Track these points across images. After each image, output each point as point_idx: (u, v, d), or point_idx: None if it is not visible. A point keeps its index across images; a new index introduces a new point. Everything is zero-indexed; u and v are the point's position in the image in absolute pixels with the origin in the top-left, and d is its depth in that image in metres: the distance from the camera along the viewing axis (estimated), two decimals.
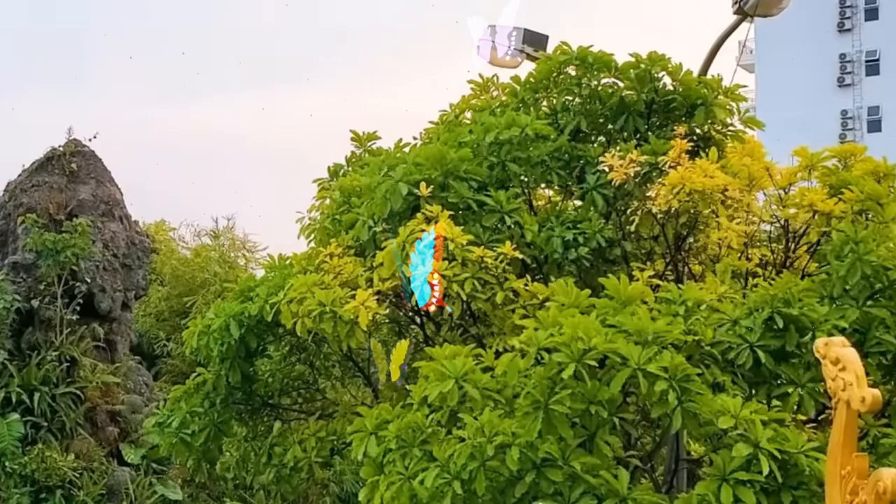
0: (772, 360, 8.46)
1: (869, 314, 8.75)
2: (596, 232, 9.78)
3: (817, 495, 7.70)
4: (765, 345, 8.46)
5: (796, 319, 8.48)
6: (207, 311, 11.47)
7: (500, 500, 8.06)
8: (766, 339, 8.47)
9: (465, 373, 8.34)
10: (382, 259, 9.74)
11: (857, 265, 8.80)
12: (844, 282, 8.83)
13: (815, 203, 9.50)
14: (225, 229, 25.78)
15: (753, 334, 8.45)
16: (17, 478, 15.67)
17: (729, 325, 8.57)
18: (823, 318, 8.51)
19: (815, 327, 8.42)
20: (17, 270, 17.25)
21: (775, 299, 8.51)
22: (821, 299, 8.81)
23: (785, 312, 8.46)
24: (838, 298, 8.85)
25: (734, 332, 8.52)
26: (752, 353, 8.43)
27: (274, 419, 12.03)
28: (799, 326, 8.50)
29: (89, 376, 17.18)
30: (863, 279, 8.78)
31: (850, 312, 8.68)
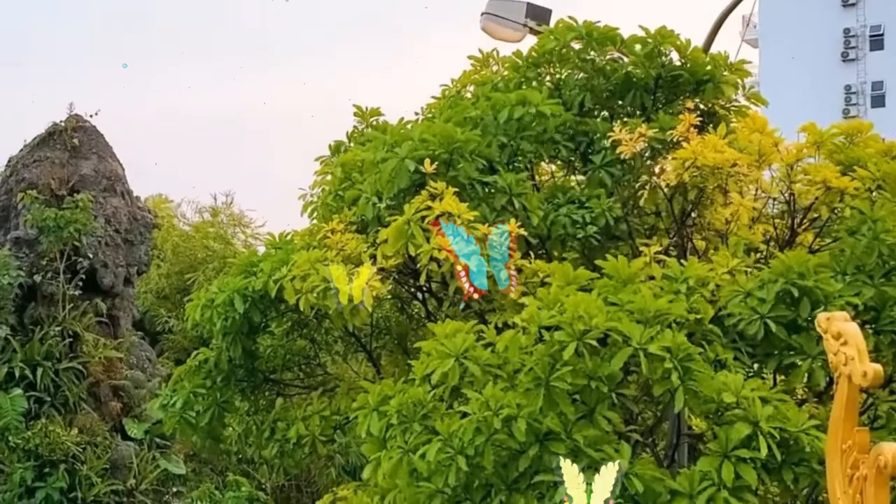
0: (784, 330, 8.49)
1: (883, 292, 8.77)
2: (604, 210, 9.78)
3: (818, 472, 7.73)
4: (777, 316, 8.48)
5: (811, 292, 8.49)
6: (210, 286, 11.48)
7: (503, 474, 8.09)
8: (777, 310, 8.49)
9: (466, 350, 8.35)
10: (387, 236, 9.74)
11: (874, 244, 8.82)
12: (859, 259, 8.85)
13: (828, 179, 9.49)
14: (224, 205, 25.82)
15: (765, 305, 8.47)
16: (20, 452, 15.74)
17: (741, 297, 8.59)
18: (838, 293, 8.53)
19: (829, 301, 8.44)
20: (20, 246, 17.26)
21: (790, 271, 8.52)
22: (834, 275, 8.83)
23: (800, 284, 8.47)
24: (852, 275, 8.86)
25: (745, 305, 8.53)
26: (762, 325, 8.45)
27: (276, 395, 12.07)
28: (812, 299, 8.51)
29: (92, 351, 17.21)
30: (878, 258, 8.79)
31: (866, 290, 8.70)
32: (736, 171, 9.33)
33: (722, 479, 7.71)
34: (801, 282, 8.48)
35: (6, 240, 17.52)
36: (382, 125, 11.76)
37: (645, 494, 7.73)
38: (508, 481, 8.08)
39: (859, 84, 53.90)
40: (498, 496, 8.04)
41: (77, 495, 15.64)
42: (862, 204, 9.24)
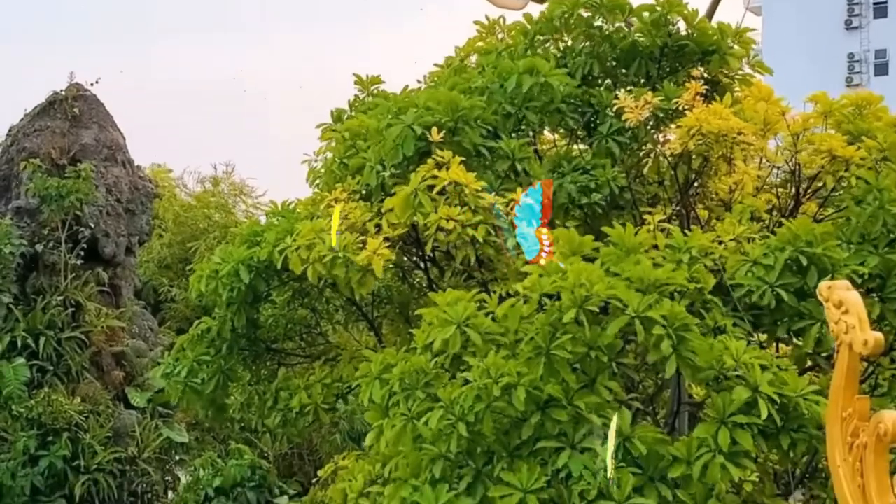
0: (794, 298, 8.53)
1: (889, 260, 8.81)
2: (609, 179, 9.78)
3: (816, 438, 7.78)
4: (785, 284, 8.52)
5: (818, 260, 8.52)
6: (212, 256, 11.48)
7: (505, 441, 8.14)
8: (785, 277, 8.52)
9: (468, 318, 8.37)
10: (393, 205, 9.72)
11: (880, 213, 8.87)
12: (864, 228, 8.88)
13: (834, 149, 9.51)
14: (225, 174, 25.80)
15: (773, 274, 8.50)
16: (23, 421, 15.79)
17: (748, 266, 8.61)
18: (844, 262, 8.56)
19: (836, 270, 8.48)
20: (21, 215, 17.23)
21: (797, 239, 8.55)
22: (839, 244, 8.86)
23: (808, 252, 8.50)
24: (857, 244, 8.90)
25: (753, 275, 8.56)
26: (773, 293, 8.49)
27: (277, 364, 12.11)
28: (820, 268, 8.55)
29: (94, 321, 17.23)
30: (883, 226, 8.83)
31: (871, 258, 8.74)
32: (741, 140, 9.33)
33: (718, 444, 7.75)
34: (809, 250, 8.51)
35: (7, 209, 17.49)
36: (385, 93, 11.73)
37: (647, 457, 7.78)
38: (510, 448, 8.13)
39: (862, 52, 53.63)
40: (500, 462, 8.09)
41: (80, 463, 15.71)
42: (867, 174, 9.26)
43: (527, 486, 7.80)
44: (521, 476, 7.86)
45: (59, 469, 15.66)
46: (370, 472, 9.67)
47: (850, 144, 9.62)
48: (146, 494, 16.43)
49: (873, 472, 5.66)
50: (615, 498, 7.55)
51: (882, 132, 9.73)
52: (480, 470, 8.20)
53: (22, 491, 15.48)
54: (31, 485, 15.49)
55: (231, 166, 26.03)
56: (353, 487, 9.77)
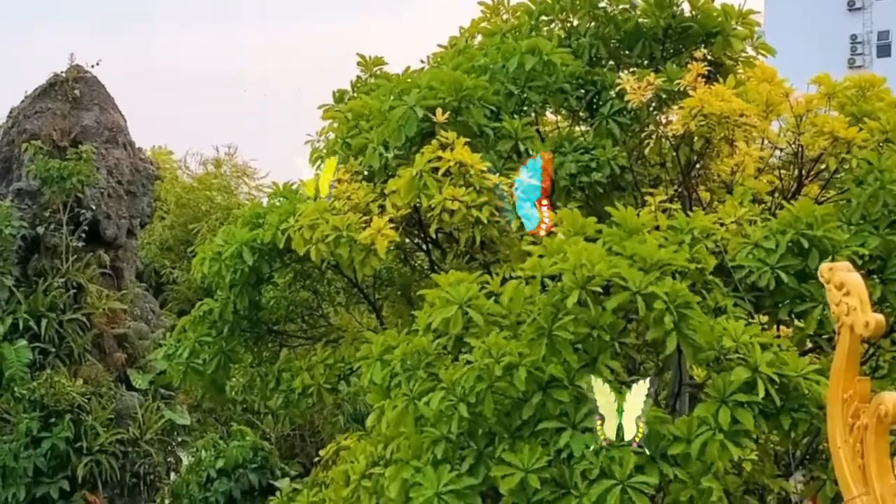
0: (794, 280, 8.54)
1: (889, 241, 8.82)
2: (609, 159, 9.78)
3: (817, 417, 7.80)
4: (786, 266, 8.53)
5: (819, 242, 8.53)
6: (214, 238, 11.48)
7: (506, 422, 8.16)
8: (786, 259, 8.54)
9: (470, 298, 8.38)
10: (397, 186, 9.72)
11: (880, 194, 8.88)
12: (865, 209, 8.89)
13: (836, 130, 9.52)
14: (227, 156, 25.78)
15: (773, 256, 8.52)
16: (26, 403, 15.82)
17: (749, 249, 8.62)
18: (845, 243, 8.57)
19: (836, 251, 8.49)
20: (22, 197, 17.22)
21: (798, 222, 8.56)
22: (840, 225, 8.87)
23: (809, 234, 8.51)
24: (858, 225, 8.91)
25: (754, 257, 8.58)
26: (773, 275, 8.50)
27: (279, 346, 12.13)
28: (821, 249, 8.56)
29: (96, 303, 17.25)
30: (884, 207, 8.84)
31: (871, 239, 8.76)
32: (743, 122, 9.32)
33: (719, 423, 7.77)
34: (810, 232, 8.52)
35: (8, 191, 17.48)
36: (388, 74, 11.70)
37: (649, 437, 7.79)
38: (511, 429, 8.15)
39: (865, 34, 53.42)
40: (501, 443, 8.11)
41: (82, 445, 15.75)
42: (869, 155, 9.27)
43: (528, 465, 7.82)
44: (522, 456, 7.88)
45: (62, 450, 15.71)
46: (372, 454, 9.70)
47: (853, 126, 9.62)
48: (148, 476, 16.49)
49: (874, 453, 5.69)
50: (617, 476, 7.58)
51: (884, 113, 9.73)
52: (482, 451, 8.22)
53: (24, 472, 15.54)
54: (33, 466, 15.54)
55: (234, 148, 26.02)
56: (355, 469, 9.81)
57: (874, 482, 5.62)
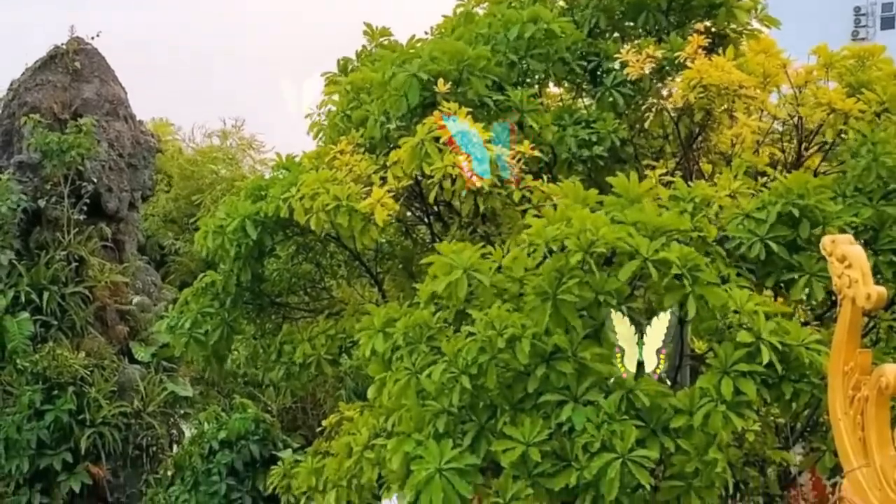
0: (784, 250, 8.54)
1: (882, 213, 8.81)
2: (610, 132, 9.75)
3: (818, 387, 7.82)
4: (776, 236, 8.52)
5: (809, 212, 8.52)
6: (217, 211, 11.48)
7: (508, 394, 8.17)
8: (777, 230, 8.54)
9: (473, 264, 8.36)
10: (400, 156, 9.70)
11: (873, 165, 8.86)
12: (859, 181, 8.87)
13: (833, 102, 9.49)
14: (234, 128, 25.67)
15: (764, 226, 8.51)
16: (28, 375, 15.84)
17: (740, 220, 8.62)
18: (836, 214, 8.56)
19: (828, 222, 8.48)
20: (23, 170, 17.17)
21: (790, 192, 8.55)
22: (834, 197, 8.86)
23: (800, 204, 8.50)
24: (851, 196, 8.90)
25: (744, 227, 8.57)
26: (763, 246, 8.50)
27: (281, 318, 12.16)
28: (812, 220, 8.55)
29: (98, 276, 17.23)
30: (877, 179, 8.81)
31: (864, 210, 8.75)
32: (743, 93, 9.29)
33: (721, 394, 7.78)
34: (802, 202, 8.51)
35: (9, 164, 17.43)
36: (391, 45, 11.65)
37: (650, 410, 7.81)
38: (513, 401, 8.16)
39: (869, 5, 53.08)
40: (503, 416, 8.12)
41: (85, 417, 15.78)
42: (863, 126, 9.24)
43: (529, 438, 7.84)
44: (523, 429, 7.90)
45: (65, 423, 15.75)
46: (374, 426, 9.73)
47: (851, 97, 9.58)
48: (151, 447, 16.54)
49: (874, 424, 5.69)
50: (618, 450, 7.59)
51: (881, 83, 9.67)
52: (483, 425, 8.24)
53: (28, 444, 15.59)
54: (36, 438, 15.59)
55: (241, 121, 25.90)
56: (357, 440, 9.85)
57: (874, 454, 5.63)
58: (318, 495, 10.43)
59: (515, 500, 7.89)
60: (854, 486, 5.72)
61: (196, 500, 14.70)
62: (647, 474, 7.58)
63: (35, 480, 15.79)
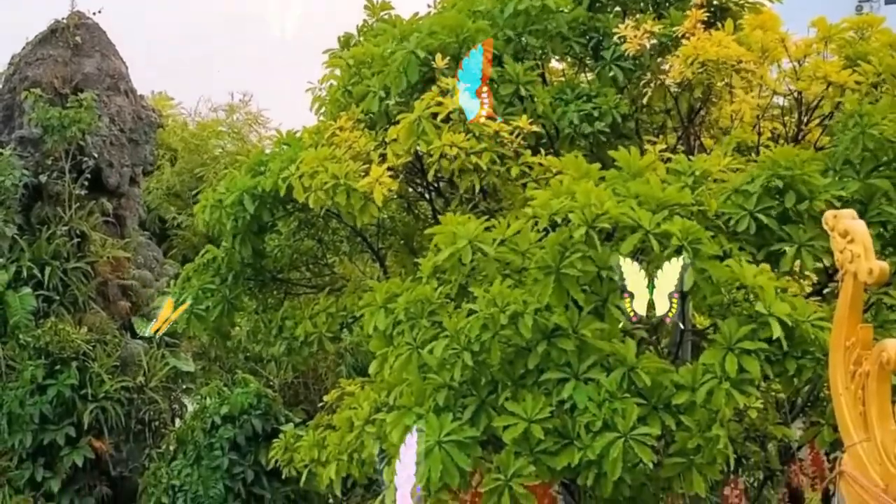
0: (774, 221, 8.52)
1: (871, 185, 8.78)
2: (612, 107, 9.71)
3: (822, 362, 7.81)
4: (766, 207, 8.51)
5: (794, 184, 8.50)
6: (217, 186, 11.47)
7: (509, 371, 8.17)
8: (764, 202, 8.52)
9: (478, 236, 8.34)
10: (397, 133, 9.67)
11: (860, 138, 8.82)
12: (847, 153, 8.84)
13: (828, 75, 9.44)
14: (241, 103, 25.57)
15: (751, 199, 8.50)
16: (31, 350, 15.86)
17: (729, 194, 8.61)
18: (824, 187, 8.54)
19: (815, 196, 8.47)
20: (25, 145, 17.13)
21: (776, 165, 8.54)
22: (825, 171, 8.83)
23: (785, 176, 8.48)
24: (841, 169, 8.87)
25: (733, 202, 8.56)
26: (752, 220, 8.48)
27: (283, 294, 12.16)
28: (798, 193, 8.54)
29: (100, 251, 17.23)
30: (867, 152, 8.77)
31: (851, 183, 8.72)
32: (742, 68, 9.25)
33: (725, 371, 7.77)
34: (787, 172, 8.49)
35: (11, 139, 17.39)
36: (393, 20, 11.59)
37: (651, 388, 7.81)
38: (515, 378, 8.16)
39: None
40: (504, 392, 8.13)
41: (88, 392, 15.80)
42: (851, 99, 9.20)
43: (531, 415, 7.85)
44: (525, 405, 7.90)
45: (67, 397, 15.78)
46: (376, 400, 9.76)
47: (849, 69, 9.53)
48: (153, 422, 16.59)
49: (875, 399, 5.69)
50: (620, 428, 7.60)
51: (877, 55, 9.61)
52: (484, 399, 8.25)
53: (30, 419, 15.63)
54: (39, 412, 15.62)
55: (249, 95, 25.80)
56: (359, 415, 9.88)
57: (875, 428, 5.63)
58: (319, 468, 10.47)
59: (517, 476, 7.91)
60: (854, 460, 5.72)
61: (198, 473, 14.77)
62: (649, 452, 7.59)
63: (38, 455, 15.84)
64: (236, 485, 14.72)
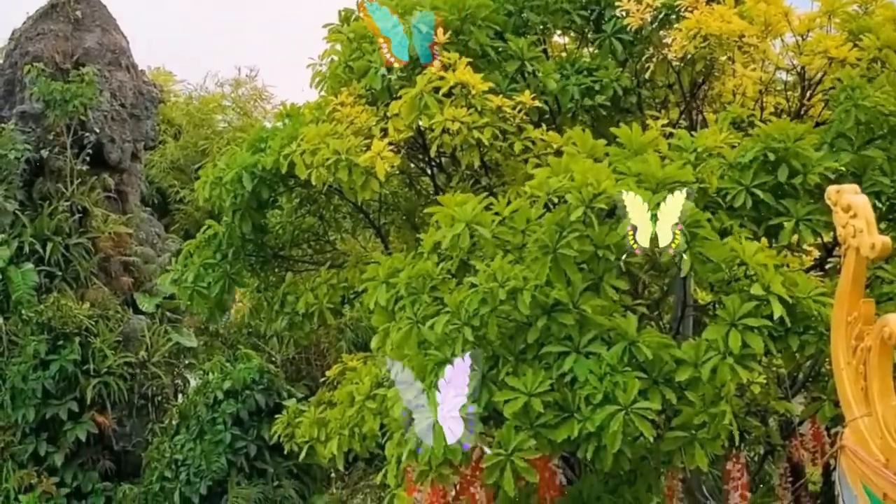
0: (770, 196, 8.50)
1: (865, 157, 8.76)
2: (612, 80, 9.66)
3: (824, 338, 7.81)
4: (761, 182, 8.49)
5: (787, 158, 8.48)
6: (218, 162, 11.45)
7: (510, 345, 8.17)
8: (760, 177, 8.50)
9: (476, 217, 8.33)
10: (399, 107, 9.64)
11: (852, 110, 8.78)
12: (839, 126, 8.82)
13: (829, 49, 9.39)
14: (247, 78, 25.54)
15: (746, 174, 8.47)
16: (33, 325, 15.89)
17: (725, 170, 8.59)
18: (818, 161, 8.52)
19: (808, 169, 8.45)
20: (26, 120, 17.11)
21: (769, 138, 8.51)
22: (820, 144, 8.80)
23: (777, 149, 8.45)
24: (834, 142, 8.85)
25: (730, 178, 8.54)
26: (748, 194, 8.47)
27: (285, 270, 12.16)
28: (791, 166, 8.52)
29: (101, 226, 17.24)
30: (860, 124, 8.74)
31: (844, 155, 8.69)
32: (744, 42, 9.19)
33: (729, 346, 7.77)
34: (780, 146, 8.47)
35: (12, 114, 17.37)
36: None
37: (652, 362, 7.80)
38: (515, 352, 8.16)
39: None
40: (505, 367, 8.13)
41: (90, 367, 15.86)
42: (844, 73, 9.16)
43: (531, 389, 7.84)
44: (525, 379, 7.89)
45: (70, 372, 15.84)
46: (377, 375, 9.78)
47: (850, 44, 9.48)
48: (156, 397, 16.65)
49: (876, 374, 5.69)
50: (620, 402, 7.60)
51: (879, 28, 9.56)
52: (485, 374, 8.25)
53: (33, 394, 15.69)
54: (41, 387, 15.68)
55: (255, 70, 25.76)
56: (360, 390, 9.89)
57: (876, 403, 5.63)
58: (319, 446, 10.50)
59: (518, 450, 7.92)
60: (855, 434, 5.73)
61: (201, 448, 14.84)
62: (649, 426, 7.59)
63: (41, 430, 15.92)
64: (239, 459, 14.80)
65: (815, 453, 9.99)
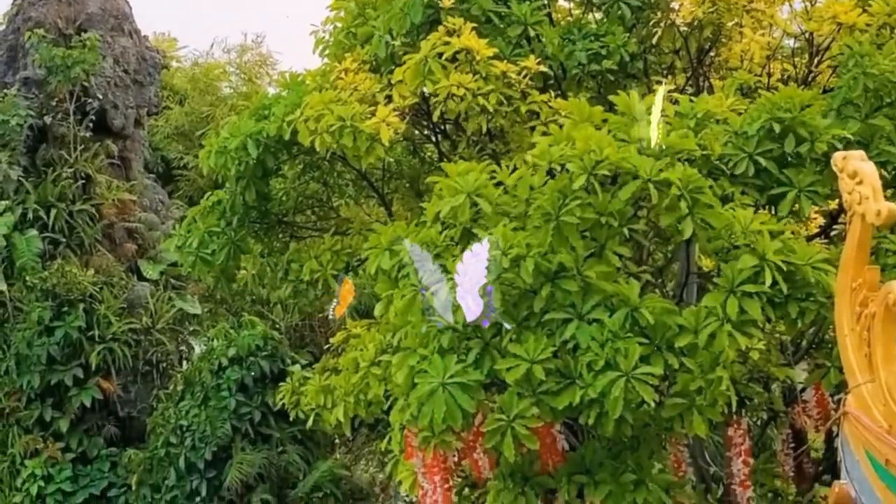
0: (774, 164, 8.47)
1: (872, 126, 8.70)
2: (619, 46, 9.60)
3: (825, 306, 7.80)
4: (765, 150, 8.46)
5: (794, 126, 8.43)
6: (221, 130, 11.42)
7: (514, 313, 8.17)
8: (764, 144, 8.46)
9: (478, 188, 8.32)
10: (403, 73, 9.59)
11: (860, 78, 8.72)
12: (847, 94, 8.75)
13: (838, 15, 9.31)
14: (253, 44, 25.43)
15: (751, 142, 8.43)
16: (38, 292, 15.92)
17: (729, 136, 8.55)
18: (825, 129, 8.46)
19: (815, 137, 8.40)
20: (29, 86, 17.05)
21: (775, 106, 8.45)
22: (827, 112, 8.74)
23: (783, 118, 8.40)
24: (841, 109, 8.79)
25: (734, 145, 8.50)
26: (751, 162, 8.43)
27: (289, 237, 12.16)
28: (798, 135, 8.47)
29: (105, 193, 17.22)
30: (868, 92, 8.68)
31: (852, 124, 8.63)
32: (752, 7, 9.12)
33: (727, 313, 7.77)
34: (786, 115, 8.42)
35: (15, 80, 17.30)
36: None
37: (655, 327, 7.80)
38: (518, 319, 8.16)
39: None
40: (508, 334, 8.14)
41: (95, 333, 15.90)
42: (850, 40, 9.08)
43: (533, 356, 7.85)
44: (528, 346, 7.90)
45: (75, 339, 15.88)
46: (381, 342, 9.80)
47: (859, 9, 9.40)
48: (161, 363, 16.70)
49: (880, 340, 5.68)
50: (622, 368, 7.61)
51: None
52: (488, 342, 8.26)
53: (38, 360, 15.74)
54: (46, 354, 15.73)
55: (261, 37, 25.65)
56: (364, 356, 9.92)
57: (880, 369, 5.63)
58: (326, 413, 10.54)
59: (520, 417, 7.94)
60: (858, 401, 5.73)
61: (206, 414, 14.90)
62: (650, 391, 7.60)
63: (46, 395, 15.99)
64: (244, 425, 14.87)
65: (819, 420, 10.01)
